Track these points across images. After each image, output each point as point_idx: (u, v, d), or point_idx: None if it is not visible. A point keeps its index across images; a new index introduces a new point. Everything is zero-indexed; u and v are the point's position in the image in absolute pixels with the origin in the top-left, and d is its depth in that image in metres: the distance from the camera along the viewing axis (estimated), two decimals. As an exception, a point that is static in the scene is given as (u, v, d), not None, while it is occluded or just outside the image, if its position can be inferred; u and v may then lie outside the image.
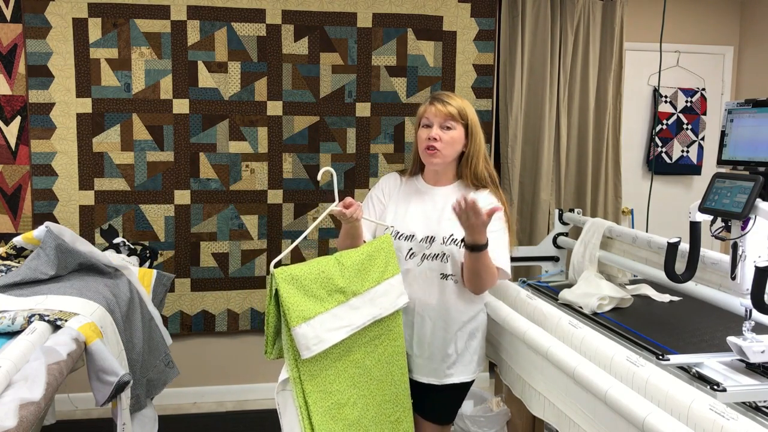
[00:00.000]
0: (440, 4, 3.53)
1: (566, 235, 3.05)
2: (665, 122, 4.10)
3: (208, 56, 3.35)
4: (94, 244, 2.86)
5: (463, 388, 2.15)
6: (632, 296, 2.32)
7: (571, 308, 2.25)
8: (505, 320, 2.18)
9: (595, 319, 2.13)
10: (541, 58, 3.67)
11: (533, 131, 3.73)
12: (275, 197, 3.49)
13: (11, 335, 1.64)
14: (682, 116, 4.11)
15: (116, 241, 2.64)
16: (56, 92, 3.24)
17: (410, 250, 2.05)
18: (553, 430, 2.42)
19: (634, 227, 4.07)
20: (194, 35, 3.32)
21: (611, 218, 3.84)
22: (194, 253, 3.44)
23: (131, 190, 3.35)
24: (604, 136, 3.80)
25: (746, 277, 1.57)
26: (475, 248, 1.88)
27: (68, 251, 2.08)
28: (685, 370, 1.64)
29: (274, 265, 1.74)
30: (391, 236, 2.04)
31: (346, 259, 1.89)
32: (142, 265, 2.62)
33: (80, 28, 3.22)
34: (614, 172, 3.87)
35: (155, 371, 2.30)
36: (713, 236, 1.65)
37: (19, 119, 3.23)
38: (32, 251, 2.11)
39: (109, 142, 3.31)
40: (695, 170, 4.18)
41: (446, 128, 2.02)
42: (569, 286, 2.45)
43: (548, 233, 3.17)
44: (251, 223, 3.48)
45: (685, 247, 1.80)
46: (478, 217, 1.78)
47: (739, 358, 1.60)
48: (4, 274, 2.02)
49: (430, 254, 2.03)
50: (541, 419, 2.25)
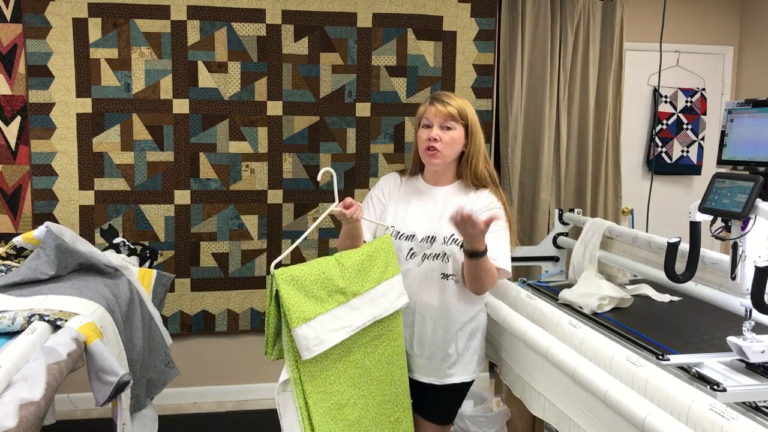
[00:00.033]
0: (440, 4, 3.52)
1: (566, 235, 3.05)
2: (665, 122, 4.10)
3: (208, 56, 3.35)
4: (94, 244, 2.86)
5: (463, 388, 2.15)
6: (632, 296, 2.32)
7: (571, 308, 2.25)
8: (505, 320, 2.18)
9: (595, 319, 2.13)
10: (541, 58, 3.67)
11: (533, 131, 3.73)
12: (275, 197, 3.49)
13: (11, 335, 1.64)
14: (682, 116, 4.11)
15: (116, 241, 2.64)
16: (56, 92, 3.24)
17: (411, 250, 2.05)
18: (553, 430, 2.42)
19: (634, 227, 4.07)
20: (194, 35, 3.32)
21: (611, 218, 3.84)
22: (194, 253, 3.44)
23: (131, 190, 3.35)
24: (604, 136, 3.80)
25: (746, 277, 1.57)
26: (474, 255, 1.89)
27: (68, 251, 2.08)
28: (685, 370, 1.64)
29: (274, 266, 1.74)
30: (390, 236, 2.04)
31: (346, 259, 1.89)
32: (142, 265, 2.62)
33: (80, 28, 3.22)
34: (614, 172, 3.87)
35: (155, 371, 2.30)
36: (713, 236, 1.66)
37: (19, 119, 3.23)
38: (32, 251, 2.11)
39: (109, 142, 3.31)
40: (695, 170, 4.18)
41: (446, 128, 2.02)
42: (569, 286, 2.46)
43: (548, 233, 3.17)
44: (251, 223, 3.48)
45: (685, 247, 1.80)
46: (475, 227, 1.80)
47: (739, 358, 1.60)
48: (4, 274, 2.02)
49: (430, 254, 2.03)
50: (541, 419, 2.25)
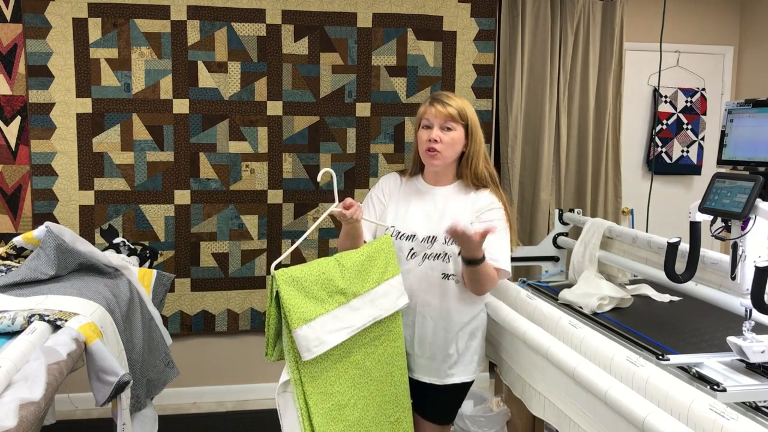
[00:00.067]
0: (440, 4, 3.52)
1: (566, 235, 3.05)
2: (665, 122, 4.10)
3: (208, 56, 3.35)
4: (94, 244, 2.86)
5: (463, 388, 2.16)
6: (632, 296, 2.32)
7: (571, 308, 2.25)
8: (505, 320, 2.18)
9: (595, 319, 2.13)
10: (541, 58, 3.67)
11: (533, 131, 3.73)
12: (275, 197, 3.49)
13: (11, 335, 1.64)
14: (682, 116, 4.11)
15: (116, 241, 2.64)
16: (56, 92, 3.24)
17: (411, 250, 2.05)
18: (553, 430, 2.42)
19: (634, 227, 4.07)
20: (194, 35, 3.32)
21: (611, 218, 3.84)
22: (194, 253, 3.44)
23: (131, 190, 3.35)
24: (604, 136, 3.80)
25: (746, 277, 1.57)
26: (471, 262, 1.91)
27: (68, 251, 2.08)
28: (685, 370, 1.64)
29: (274, 266, 1.73)
30: (390, 237, 2.04)
31: (346, 260, 1.88)
32: (142, 265, 2.62)
33: (80, 28, 3.22)
34: (614, 172, 3.87)
35: (155, 371, 2.30)
36: (713, 236, 1.65)
37: (19, 119, 3.23)
38: (32, 251, 2.11)
39: (109, 142, 3.31)
40: (695, 170, 4.18)
41: (446, 129, 2.02)
42: (569, 286, 2.45)
43: (548, 233, 3.17)
44: (251, 223, 3.48)
45: (685, 247, 1.80)
46: (471, 241, 1.82)
47: (739, 358, 1.60)
48: (4, 274, 2.02)
49: (431, 254, 2.03)
50: (541, 419, 2.25)
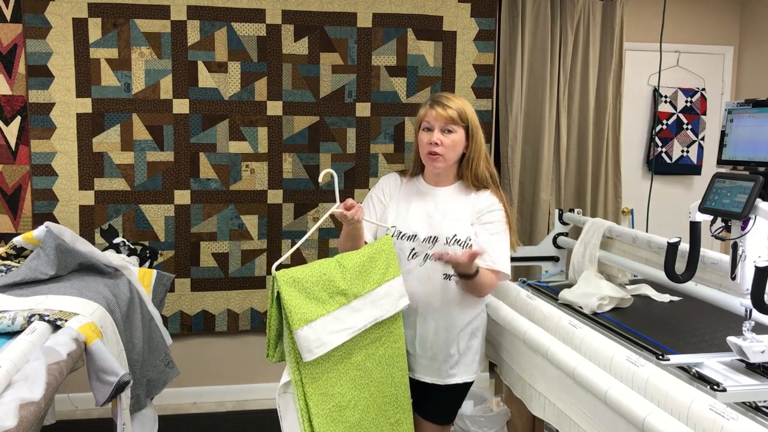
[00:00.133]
0: (440, 4, 3.52)
1: (566, 235, 3.05)
2: (665, 122, 4.10)
3: (208, 56, 3.35)
4: (94, 244, 2.86)
5: (464, 388, 2.16)
6: (632, 296, 2.32)
7: (571, 308, 2.25)
8: (505, 320, 2.18)
9: (595, 319, 2.13)
10: (541, 58, 3.67)
11: (533, 131, 3.73)
12: (275, 197, 3.49)
13: (11, 335, 1.64)
14: (682, 116, 4.11)
15: (116, 241, 2.64)
16: (56, 92, 3.24)
17: (413, 250, 2.05)
18: (553, 430, 2.42)
19: (634, 227, 4.07)
20: (194, 35, 3.32)
21: (611, 218, 3.84)
22: (194, 253, 3.44)
23: (131, 190, 3.35)
24: (604, 136, 3.80)
25: (746, 277, 1.57)
26: (464, 276, 1.94)
27: (68, 251, 2.08)
28: (685, 370, 1.64)
29: (275, 267, 1.73)
30: (391, 238, 2.04)
31: (347, 261, 1.88)
32: (142, 265, 2.62)
33: (80, 28, 3.22)
34: (614, 172, 3.87)
35: (155, 371, 2.30)
36: (713, 236, 1.66)
37: (19, 119, 3.23)
38: (32, 251, 2.11)
39: (109, 142, 3.31)
40: (695, 170, 4.18)
41: (447, 131, 2.02)
42: (569, 286, 2.45)
43: (548, 233, 3.17)
44: (251, 223, 3.48)
45: (685, 247, 1.80)
46: (459, 265, 1.87)
47: (739, 358, 1.60)
48: (4, 274, 2.02)
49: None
50: (541, 419, 2.25)
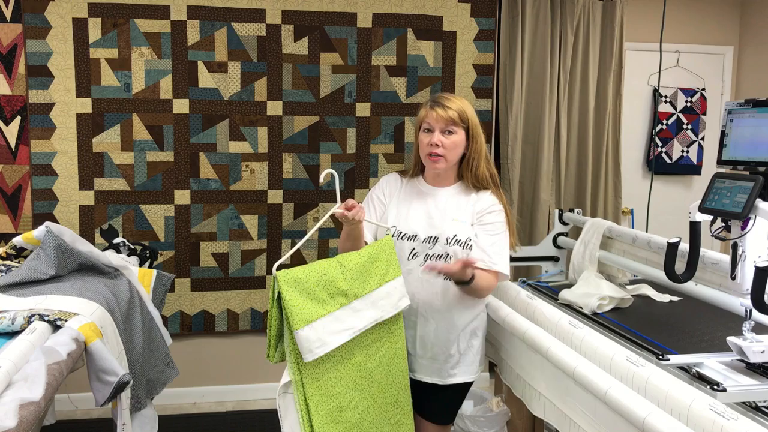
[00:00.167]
0: (440, 4, 3.52)
1: (566, 235, 3.05)
2: (665, 122, 4.10)
3: (208, 56, 3.35)
4: (94, 244, 2.86)
5: (465, 387, 2.16)
6: (632, 296, 2.32)
7: (571, 308, 2.25)
8: (505, 320, 2.18)
9: (595, 319, 2.12)
10: (541, 58, 3.67)
11: (533, 131, 3.73)
12: (275, 197, 3.49)
13: (11, 335, 1.64)
14: (682, 116, 4.11)
15: (116, 241, 2.64)
16: (56, 92, 3.24)
17: (413, 250, 2.05)
18: (553, 430, 2.42)
19: (634, 227, 4.07)
20: (194, 35, 3.32)
21: (611, 218, 3.84)
22: (194, 253, 3.44)
23: (131, 190, 3.35)
24: (604, 136, 3.80)
25: (746, 277, 1.57)
26: (460, 283, 1.94)
27: (68, 251, 2.08)
28: (685, 370, 1.64)
29: (276, 267, 1.73)
30: (392, 238, 2.04)
31: (347, 261, 1.88)
32: (142, 265, 2.62)
33: (80, 28, 3.22)
34: (614, 172, 3.87)
35: (155, 371, 2.30)
36: (713, 236, 1.66)
37: (19, 119, 3.23)
38: (32, 251, 2.11)
39: (109, 142, 3.31)
40: (695, 170, 4.18)
41: (448, 132, 2.02)
42: (569, 286, 2.45)
43: (548, 233, 3.17)
44: (251, 223, 3.48)
45: (685, 247, 1.80)
46: (453, 274, 1.89)
47: (739, 358, 1.60)
48: (4, 274, 2.02)
49: (433, 254, 2.03)
50: (541, 419, 2.25)
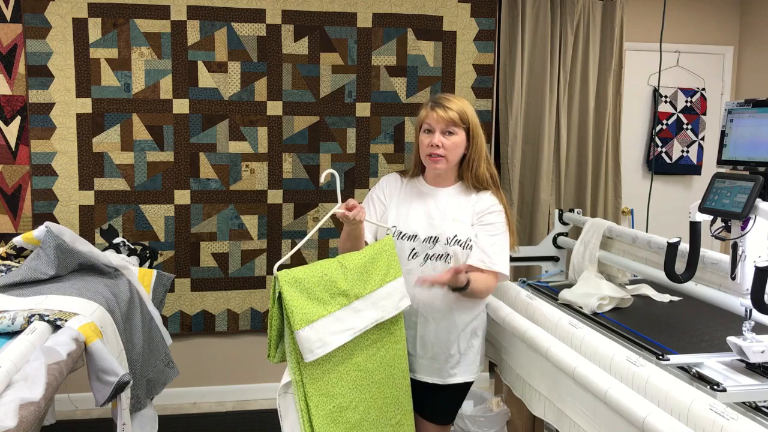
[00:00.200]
0: (440, 4, 3.52)
1: (566, 235, 3.05)
2: (665, 122, 4.10)
3: (208, 56, 3.35)
4: (94, 244, 2.86)
5: (465, 387, 2.16)
6: (632, 296, 2.32)
7: (571, 308, 2.25)
8: (505, 320, 2.18)
9: (595, 319, 2.12)
10: (541, 58, 3.67)
11: (533, 131, 3.73)
12: (275, 197, 3.49)
13: (11, 335, 1.64)
14: (682, 116, 4.11)
15: (116, 241, 2.64)
16: (56, 92, 3.24)
17: (413, 250, 2.05)
18: (553, 430, 2.42)
19: (634, 227, 4.07)
20: (194, 35, 3.32)
21: (611, 218, 3.84)
22: (194, 253, 3.44)
23: (131, 190, 3.35)
24: (604, 136, 3.80)
25: (746, 277, 1.57)
26: (457, 290, 1.94)
27: (68, 251, 2.08)
28: (685, 370, 1.64)
29: (277, 267, 1.73)
30: (392, 238, 2.04)
31: (348, 261, 1.88)
32: (142, 265, 2.62)
33: (80, 28, 3.22)
34: (614, 172, 3.87)
35: (155, 371, 2.30)
36: (713, 236, 1.66)
37: (19, 119, 3.23)
38: (32, 251, 2.11)
39: (109, 142, 3.31)
40: (695, 170, 4.18)
41: (448, 133, 2.02)
42: (569, 286, 2.45)
43: (548, 233, 3.17)
44: (251, 223, 3.48)
45: (685, 247, 1.80)
46: (446, 283, 1.89)
47: (739, 358, 1.60)
48: (4, 274, 2.02)
49: (433, 254, 2.03)
50: (541, 419, 2.25)
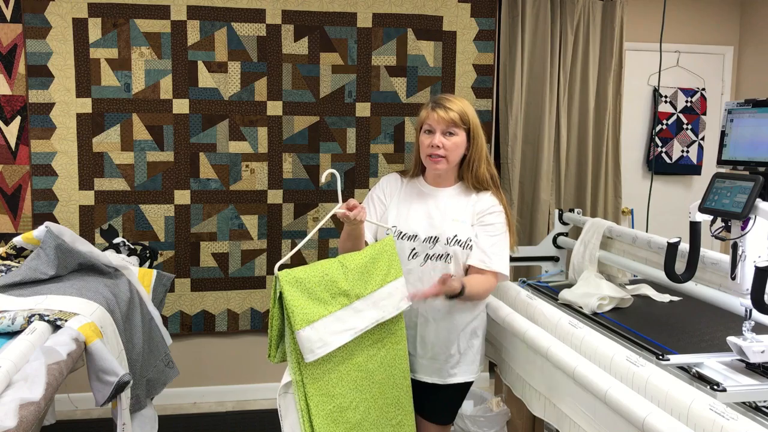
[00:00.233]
0: (440, 4, 3.52)
1: (566, 235, 3.05)
2: (665, 122, 4.10)
3: (208, 56, 3.35)
4: (94, 244, 2.86)
5: (465, 387, 2.16)
6: (632, 296, 2.32)
7: (571, 308, 2.25)
8: (505, 320, 2.18)
9: (595, 319, 2.13)
10: (541, 58, 3.67)
11: (533, 131, 3.73)
12: (275, 197, 3.49)
13: (11, 335, 1.64)
14: (682, 116, 4.11)
15: (116, 241, 2.64)
16: (56, 92, 3.24)
17: (413, 250, 2.05)
18: (553, 430, 2.42)
19: (634, 227, 4.07)
20: (194, 35, 3.32)
21: (611, 218, 3.84)
22: (194, 253, 3.44)
23: (131, 190, 3.35)
24: (604, 136, 3.80)
25: (746, 277, 1.58)
26: (453, 297, 1.94)
27: (68, 251, 2.08)
28: (685, 370, 1.64)
29: (278, 267, 1.73)
30: (393, 238, 2.04)
31: (349, 261, 1.88)
32: (142, 265, 2.62)
33: (80, 28, 3.22)
34: (614, 172, 3.87)
35: (155, 371, 2.30)
36: (713, 236, 1.66)
37: (19, 119, 3.23)
38: (32, 251, 2.11)
39: (109, 142, 3.31)
40: (695, 170, 4.18)
41: (449, 134, 2.02)
42: (569, 286, 2.45)
43: (548, 233, 3.17)
44: (251, 223, 3.48)
45: (685, 247, 1.80)
46: (438, 293, 1.89)
47: (739, 358, 1.60)
48: (4, 274, 2.02)
49: (433, 254, 2.03)
50: (541, 419, 2.25)
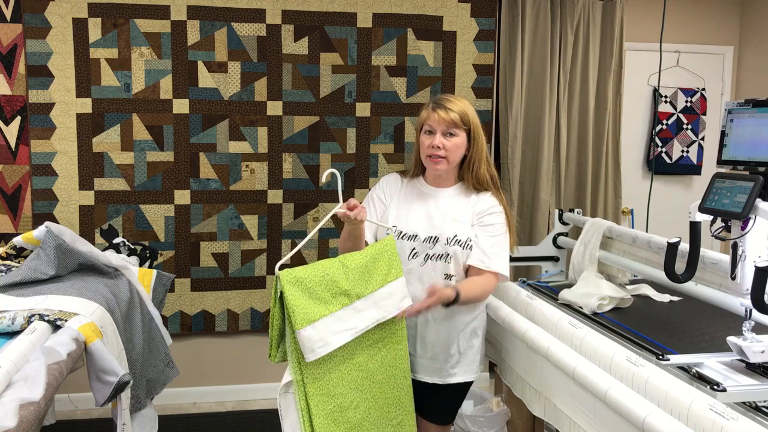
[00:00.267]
0: (440, 4, 3.52)
1: (566, 235, 3.05)
2: (665, 122, 4.10)
3: (208, 56, 3.35)
4: (94, 244, 2.86)
5: (465, 387, 2.16)
6: (632, 296, 2.32)
7: (571, 308, 2.25)
8: (505, 320, 2.18)
9: (595, 319, 2.13)
10: (541, 58, 3.67)
11: (533, 131, 3.73)
12: (275, 197, 3.49)
13: (11, 335, 1.64)
14: (682, 116, 4.11)
15: (116, 241, 2.64)
16: (56, 92, 3.24)
17: (413, 250, 2.05)
18: (553, 430, 2.42)
19: (634, 227, 4.07)
20: (194, 35, 3.32)
21: (611, 218, 3.84)
22: (194, 253, 3.44)
23: (131, 190, 3.35)
24: (604, 136, 3.80)
25: (746, 277, 1.58)
26: (450, 304, 1.93)
27: (68, 251, 2.08)
28: (685, 370, 1.64)
29: (279, 267, 1.73)
30: (394, 238, 2.04)
31: (349, 261, 1.88)
32: (142, 265, 2.62)
33: (80, 28, 3.22)
34: (614, 172, 3.87)
35: (155, 371, 2.30)
36: (713, 236, 1.66)
37: (19, 119, 3.23)
38: (32, 251, 2.11)
39: (109, 142, 3.31)
40: (695, 170, 4.18)
41: (449, 135, 2.02)
42: (569, 286, 2.45)
43: (548, 233, 3.17)
44: (251, 223, 3.48)
45: (685, 247, 1.80)
46: (432, 304, 1.88)
47: (739, 358, 1.60)
48: (4, 274, 2.02)
49: (433, 254, 2.03)
50: (541, 419, 2.25)
